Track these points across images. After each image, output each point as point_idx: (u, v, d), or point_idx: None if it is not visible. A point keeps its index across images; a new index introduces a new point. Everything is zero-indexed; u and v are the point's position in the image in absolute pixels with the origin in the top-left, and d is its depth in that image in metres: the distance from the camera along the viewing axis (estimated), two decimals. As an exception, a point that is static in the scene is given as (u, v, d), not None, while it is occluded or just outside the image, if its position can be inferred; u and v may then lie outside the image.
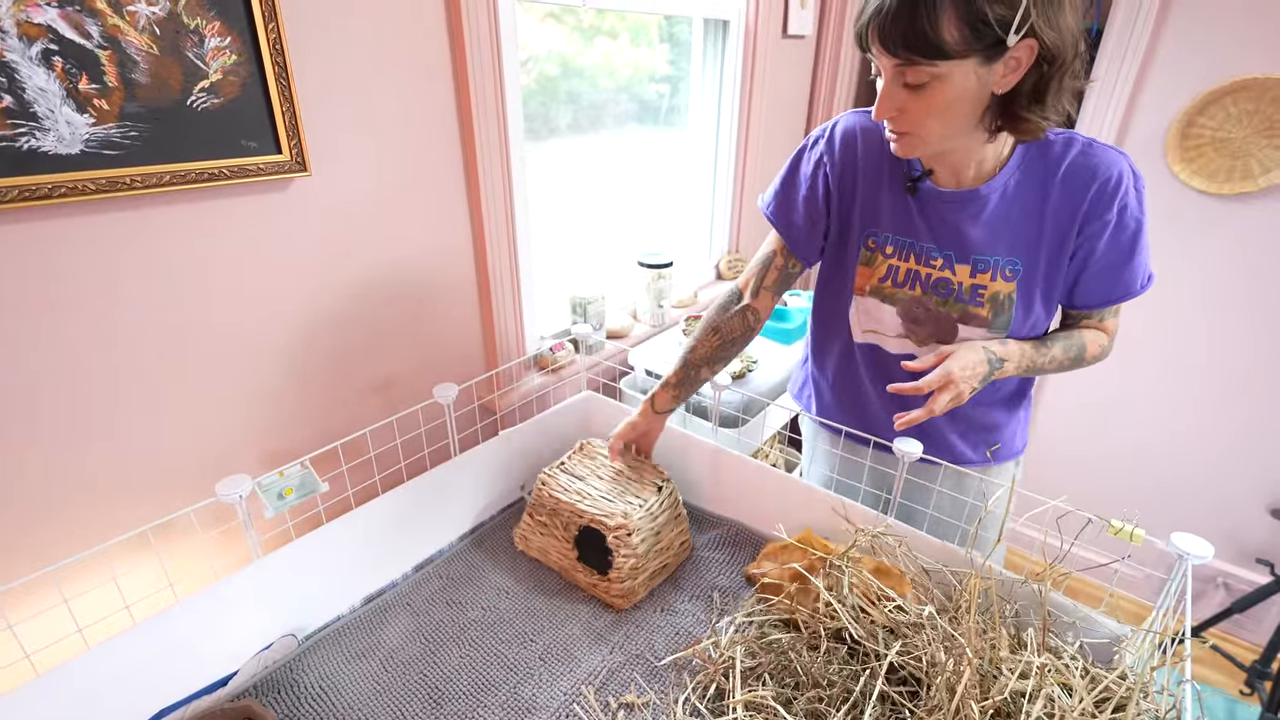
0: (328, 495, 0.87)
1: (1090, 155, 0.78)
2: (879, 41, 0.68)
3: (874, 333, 0.93)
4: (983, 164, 0.80)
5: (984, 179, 0.81)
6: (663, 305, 1.54)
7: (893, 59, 0.68)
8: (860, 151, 0.87)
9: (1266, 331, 1.60)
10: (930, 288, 0.86)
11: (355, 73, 0.90)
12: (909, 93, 0.70)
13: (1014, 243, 0.82)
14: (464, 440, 1.07)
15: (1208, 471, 1.78)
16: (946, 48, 0.64)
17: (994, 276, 0.83)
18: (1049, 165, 0.79)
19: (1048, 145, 0.80)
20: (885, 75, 0.70)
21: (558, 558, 0.99)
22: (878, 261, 0.89)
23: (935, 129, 0.72)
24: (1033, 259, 0.82)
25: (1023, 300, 0.83)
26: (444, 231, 1.09)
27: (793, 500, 0.99)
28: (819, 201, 0.91)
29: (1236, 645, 1.83)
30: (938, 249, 0.85)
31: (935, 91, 0.69)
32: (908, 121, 0.72)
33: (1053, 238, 0.80)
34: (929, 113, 0.70)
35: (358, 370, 1.04)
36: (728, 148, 1.75)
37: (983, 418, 0.97)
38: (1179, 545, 0.68)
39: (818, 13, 1.89)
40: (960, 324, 0.86)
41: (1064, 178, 0.78)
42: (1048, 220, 0.80)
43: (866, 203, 0.88)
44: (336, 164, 0.91)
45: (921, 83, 0.68)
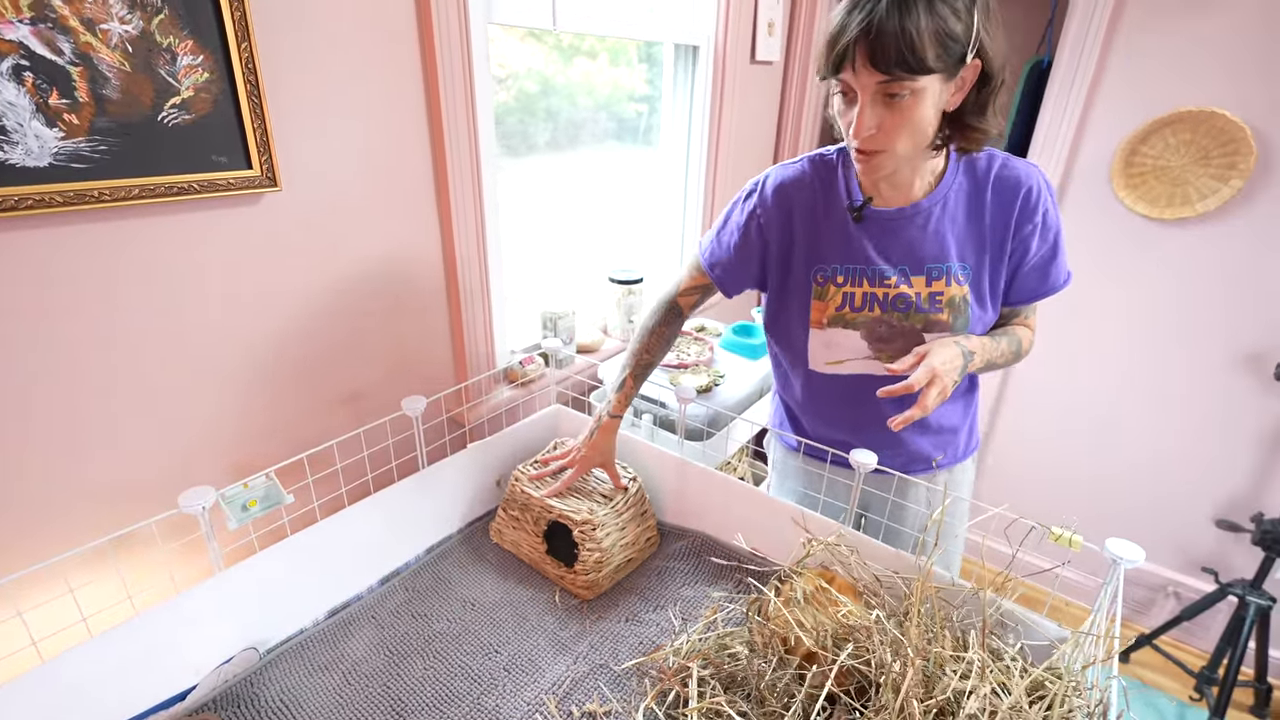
0: (293, 507, 0.88)
1: (1011, 167, 0.88)
2: (869, 59, 0.72)
3: (838, 363, 0.97)
4: (925, 179, 0.88)
5: (925, 193, 0.89)
6: (633, 320, 1.57)
7: (878, 76, 0.72)
8: (793, 200, 0.94)
9: (1203, 350, 1.68)
10: (889, 305, 0.91)
11: (328, 91, 0.92)
12: (886, 110, 0.75)
13: (961, 248, 0.89)
14: (432, 453, 1.07)
15: (1156, 484, 1.85)
16: (928, 63, 0.71)
17: (948, 282, 0.89)
18: (978, 177, 0.88)
19: (973, 160, 0.89)
20: (864, 95, 0.75)
21: (529, 550, 1.04)
22: (830, 293, 0.93)
23: (905, 145, 0.78)
24: (979, 261, 0.90)
25: (976, 300, 0.90)
26: (414, 246, 1.10)
27: (756, 512, 1.02)
28: (750, 248, 0.98)
29: (1187, 652, 1.89)
30: (890, 267, 0.91)
31: (910, 107, 0.74)
32: (882, 139, 0.77)
33: (993, 240, 0.89)
34: (903, 128, 0.76)
35: (325, 383, 1.04)
36: (698, 167, 1.80)
37: (946, 420, 1.03)
38: (1113, 550, 0.72)
39: (785, 40, 1.96)
40: (925, 333, 0.91)
41: (994, 188, 0.87)
42: (986, 225, 0.88)
43: (807, 242, 0.94)
44: (307, 179, 0.93)
45: (900, 98, 0.73)
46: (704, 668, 0.76)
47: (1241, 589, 1.61)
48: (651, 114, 1.73)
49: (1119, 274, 1.74)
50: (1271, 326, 1.59)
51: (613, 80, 1.60)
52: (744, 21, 1.72)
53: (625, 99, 1.64)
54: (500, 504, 1.09)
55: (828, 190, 0.93)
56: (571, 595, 0.99)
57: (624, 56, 1.59)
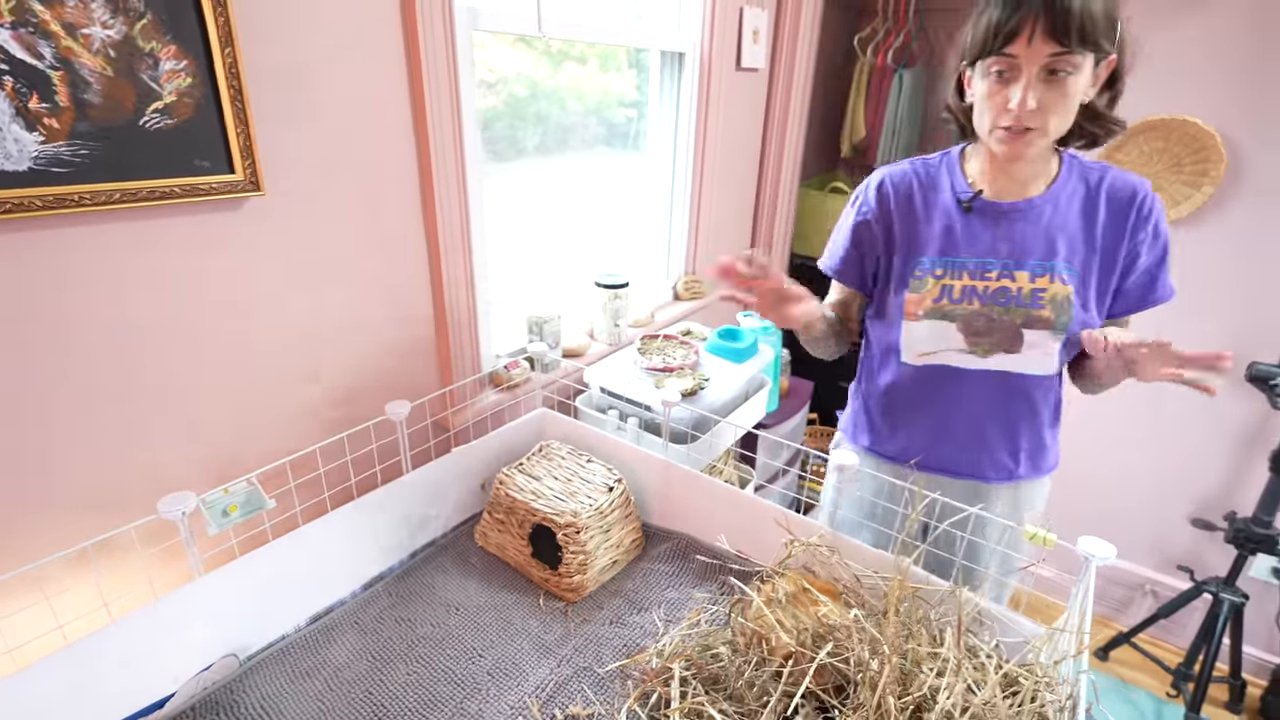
0: (274, 513, 0.87)
1: (1125, 177, 0.90)
2: (1050, 28, 0.75)
3: (932, 354, 0.99)
4: (1039, 176, 0.91)
5: (1040, 192, 0.91)
6: (619, 325, 1.58)
7: (1053, 47, 0.75)
8: (894, 196, 0.99)
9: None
10: (989, 299, 0.93)
11: (312, 95, 0.92)
12: (1045, 87, 0.78)
13: (1070, 248, 0.91)
14: (416, 457, 1.07)
15: (1134, 485, 1.89)
16: (1100, 40, 0.76)
17: (1053, 279, 0.91)
18: (1091, 183, 0.91)
19: (1086, 168, 0.92)
20: (1029, 69, 0.78)
21: (514, 553, 1.05)
22: (928, 285, 0.96)
23: (1056, 123, 0.81)
24: (1087, 264, 0.91)
25: (1080, 302, 0.91)
26: (399, 250, 1.10)
27: (740, 514, 1.03)
28: (862, 246, 1.03)
29: (1164, 649, 1.92)
30: (994, 260, 0.93)
31: (1069, 85, 0.78)
32: (1039, 116, 0.80)
33: (1104, 245, 0.90)
34: (1060, 105, 0.79)
35: (308, 388, 1.04)
36: (684, 173, 1.81)
37: (1041, 433, 1.04)
38: (1084, 548, 0.74)
39: (770, 47, 1.98)
40: (1024, 328, 0.92)
41: (1108, 195, 0.90)
42: (1099, 230, 0.90)
43: (906, 236, 0.98)
44: (291, 184, 0.93)
45: (1064, 74, 0.77)
46: (686, 669, 0.77)
47: (1216, 586, 1.65)
48: (640, 119, 1.75)
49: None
50: (1243, 329, 1.63)
51: (602, 86, 1.61)
52: (729, 29, 1.74)
53: (615, 104, 1.65)
54: (485, 507, 1.09)
55: (930, 187, 0.98)
56: (556, 598, 0.99)
57: (614, 62, 1.61)
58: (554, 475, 1.09)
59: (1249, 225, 1.56)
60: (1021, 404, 0.99)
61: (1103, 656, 1.91)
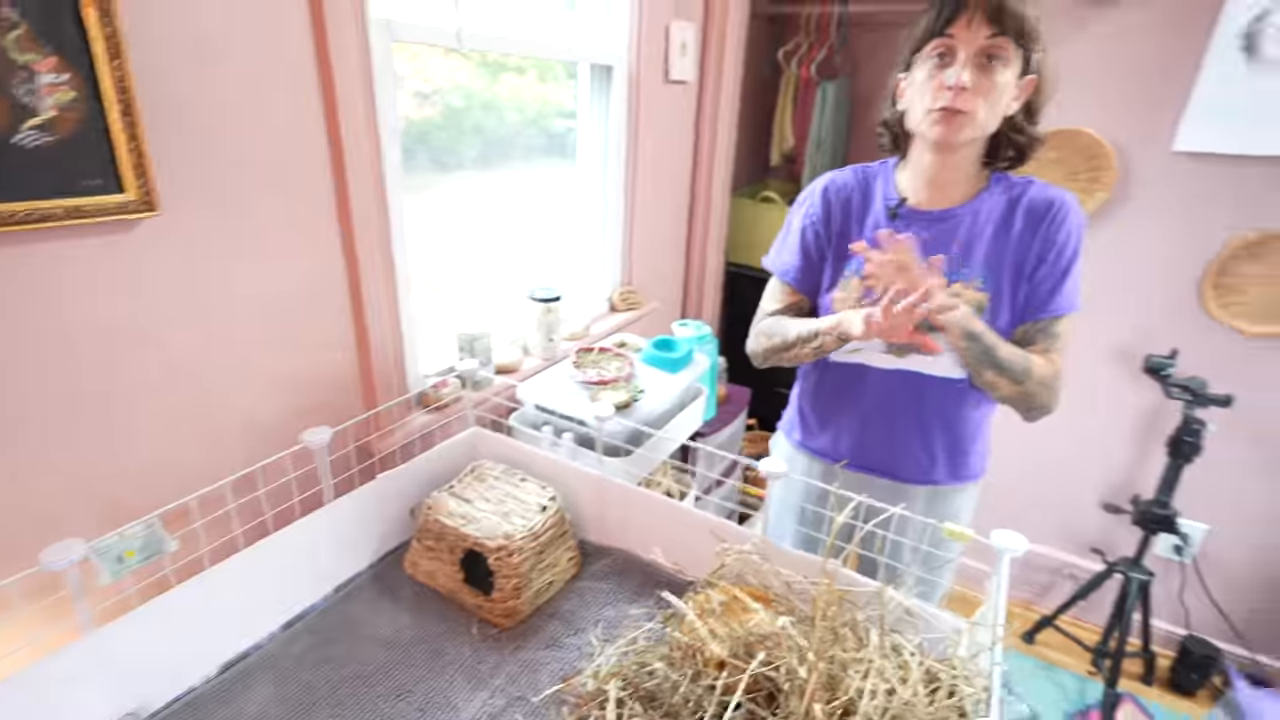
0: (178, 555, 0.82)
1: (1046, 190, 0.95)
2: (987, 13, 0.83)
3: (854, 352, 1.03)
4: (964, 187, 0.96)
5: (961, 202, 0.96)
6: (553, 339, 1.56)
7: (989, 30, 0.84)
8: (834, 200, 1.05)
9: (1082, 349, 1.83)
10: None
11: (215, 111, 0.87)
12: (979, 74, 0.85)
13: (985, 258, 0.95)
14: (340, 485, 1.03)
15: (1050, 475, 2.00)
16: (1025, 35, 0.85)
17: (966, 286, 0.95)
18: (1012, 197, 0.95)
19: (1011, 182, 0.96)
20: (966, 51, 0.85)
21: (445, 581, 1.01)
22: (853, 285, 1.01)
23: (984, 113, 0.87)
24: (998, 274, 0.95)
25: (991, 310, 0.95)
26: (314, 271, 1.06)
27: (677, 526, 1.02)
28: (810, 250, 1.07)
29: (1085, 629, 2.04)
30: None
31: (998, 75, 0.85)
32: (970, 99, 0.86)
33: (1015, 258, 0.94)
34: (989, 94, 0.86)
35: (217, 417, 0.98)
36: (617, 184, 1.82)
37: (954, 430, 1.06)
38: (997, 541, 0.77)
39: (698, 60, 2.02)
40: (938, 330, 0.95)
41: (1027, 208, 0.94)
42: (1013, 242, 0.94)
43: (841, 239, 1.04)
44: (191, 203, 0.87)
45: (995, 61, 0.85)
46: (622, 688, 0.76)
47: (1125, 566, 1.76)
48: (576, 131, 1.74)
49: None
50: (1138, 325, 1.75)
51: (541, 96, 1.60)
52: (656, 42, 1.76)
53: (554, 114, 1.65)
54: (414, 534, 1.05)
55: (866, 193, 1.04)
56: (491, 625, 0.97)
57: (552, 72, 1.60)
58: (486, 497, 1.06)
59: (1138, 228, 1.68)
60: (935, 406, 1.03)
61: (1029, 640, 2.01)
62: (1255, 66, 1.42)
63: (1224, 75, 1.45)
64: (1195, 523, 1.82)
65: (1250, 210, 1.55)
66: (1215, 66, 1.45)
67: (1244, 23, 1.40)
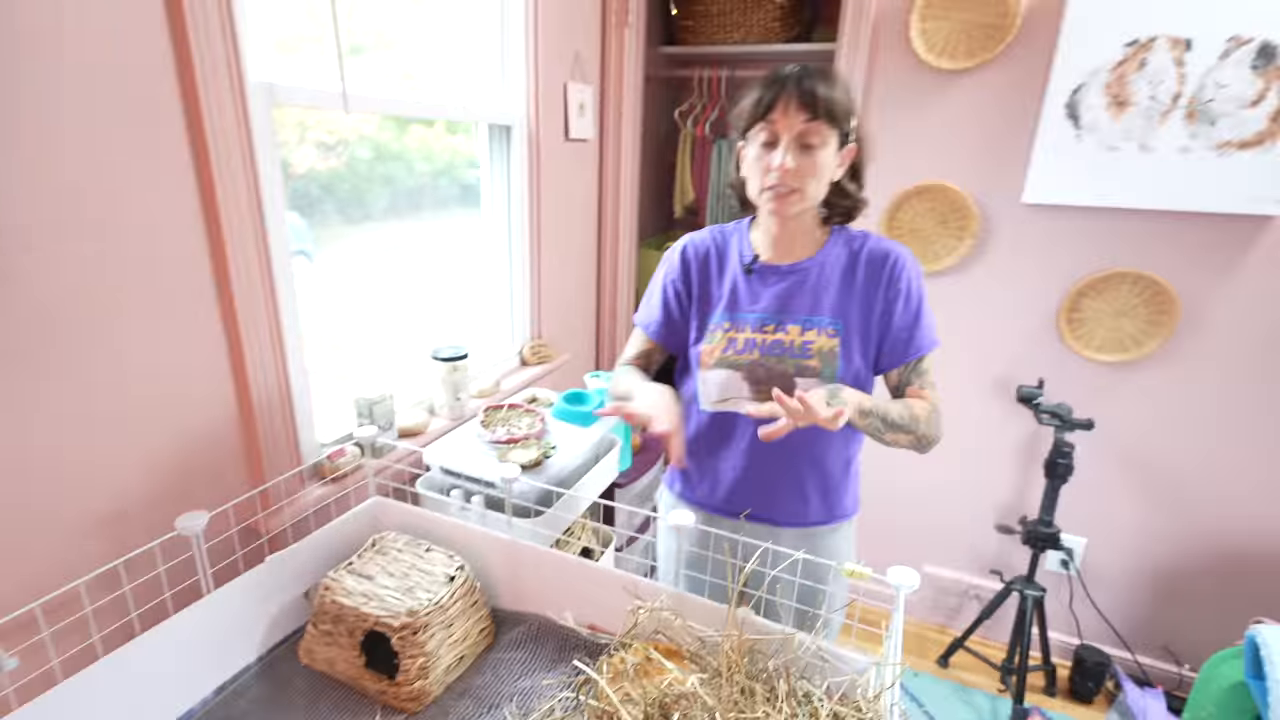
0: (19, 673, 0.72)
1: (882, 242, 1.05)
2: (800, 102, 0.91)
3: (724, 401, 1.08)
4: (808, 243, 1.05)
5: (807, 256, 1.04)
6: (460, 398, 1.52)
7: (804, 114, 0.91)
8: (693, 260, 1.12)
9: (966, 381, 1.98)
10: (766, 350, 1.04)
11: (68, 180, 0.81)
12: (802, 155, 0.93)
13: (834, 306, 1.03)
14: (221, 573, 0.95)
15: (948, 502, 2.12)
16: (839, 117, 0.93)
17: (819, 333, 1.02)
18: (853, 249, 1.04)
19: (850, 236, 1.06)
20: (786, 137, 0.93)
21: (345, 667, 0.94)
22: (718, 337, 1.07)
23: (812, 187, 0.96)
24: (848, 320, 1.03)
25: (845, 354, 1.02)
26: (189, 345, 0.99)
27: (591, 585, 1.00)
28: (671, 307, 1.14)
29: (993, 648, 2.14)
30: (771, 315, 1.04)
31: (819, 155, 0.94)
32: (797, 177, 0.94)
33: (862, 303, 1.02)
34: (813, 171, 0.94)
35: (70, 509, 0.88)
36: (522, 239, 1.82)
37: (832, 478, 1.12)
38: (892, 579, 0.80)
39: (597, 118, 2.09)
40: (796, 376, 1.03)
41: (866, 259, 1.03)
42: (858, 289, 1.03)
43: (702, 295, 1.11)
44: (42, 279, 0.80)
45: (814, 144, 0.93)
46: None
47: (1020, 584, 1.87)
48: (482, 184, 1.75)
49: (896, 320, 2.01)
50: (1010, 358, 1.92)
51: (451, 147, 1.60)
52: (554, 103, 1.81)
53: (465, 165, 1.65)
54: (310, 619, 0.98)
55: (724, 252, 1.11)
56: (396, 711, 0.90)
57: (460, 125, 1.60)
58: (389, 571, 1.00)
59: (1002, 270, 1.85)
60: (804, 450, 1.09)
61: (943, 664, 2.08)
62: (1078, 131, 1.63)
63: (1055, 138, 1.65)
64: (1076, 537, 1.98)
65: (1092, 252, 1.75)
66: (1047, 130, 1.66)
67: (1066, 94, 1.61)
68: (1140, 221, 1.69)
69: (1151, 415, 1.82)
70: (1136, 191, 1.62)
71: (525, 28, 1.65)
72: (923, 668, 2.08)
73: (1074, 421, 1.71)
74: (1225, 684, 1.34)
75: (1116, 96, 1.58)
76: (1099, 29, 1.55)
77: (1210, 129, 1.52)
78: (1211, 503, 1.83)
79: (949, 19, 1.70)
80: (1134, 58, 1.54)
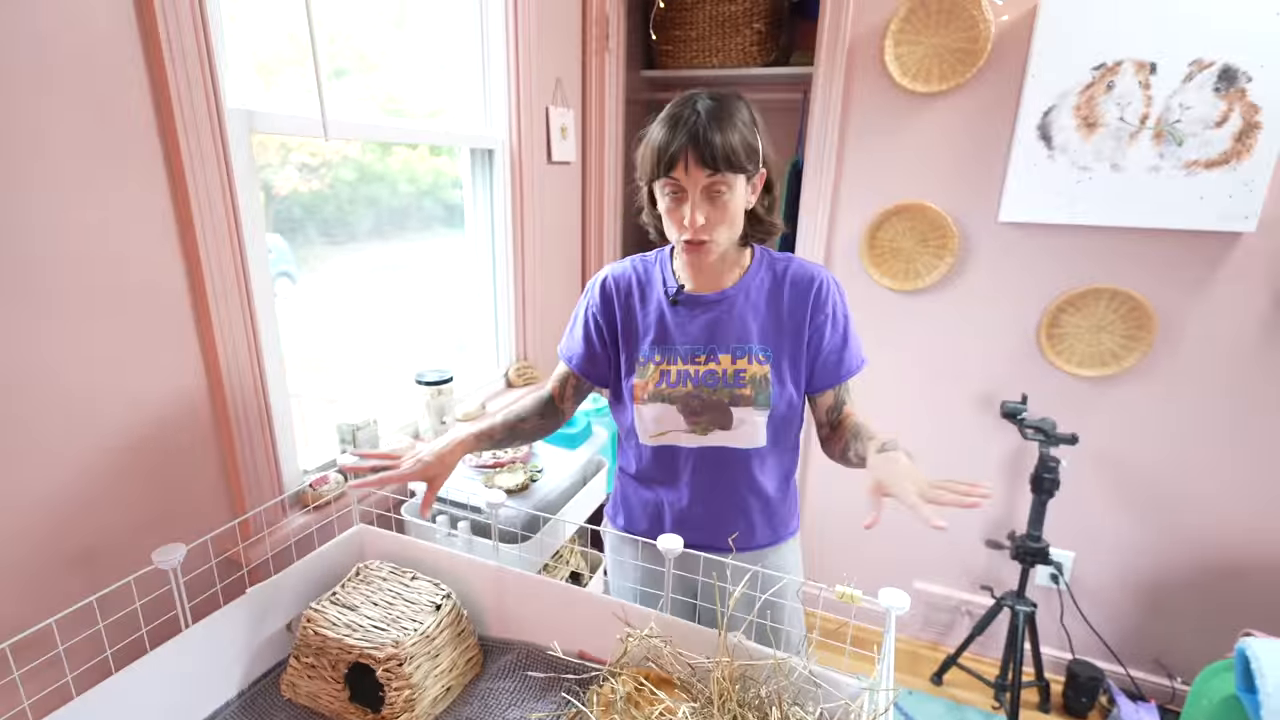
0: (-14, 717, 0.69)
1: (805, 266, 1.04)
2: (699, 159, 0.87)
3: (664, 434, 1.06)
4: (732, 271, 1.04)
5: (732, 283, 1.03)
6: (445, 421, 1.51)
7: (705, 171, 0.88)
8: (616, 292, 1.09)
9: (951, 398, 1.99)
10: (699, 381, 1.02)
11: (39, 213, 0.80)
12: (710, 205, 0.91)
13: (762, 332, 1.01)
14: (200, 606, 0.92)
15: (938, 515, 2.12)
16: (743, 164, 0.90)
17: (750, 360, 1.01)
18: (776, 273, 1.03)
19: (773, 259, 1.05)
20: (693, 191, 0.90)
21: (328, 701, 0.92)
22: (650, 371, 1.04)
23: (725, 233, 0.94)
24: (778, 345, 1.01)
25: (776, 379, 1.01)
26: (165, 374, 0.97)
27: (579, 611, 0.99)
28: (592, 339, 1.11)
29: (986, 664, 2.13)
30: (701, 346, 1.02)
31: (728, 202, 0.92)
32: (709, 229, 0.92)
33: (790, 327, 1.01)
34: (725, 219, 0.92)
35: (42, 546, 0.85)
36: (505, 260, 1.83)
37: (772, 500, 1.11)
38: (884, 601, 0.80)
39: (579, 141, 2.11)
40: (731, 406, 1.01)
41: (791, 282, 1.02)
42: (785, 314, 1.02)
43: (628, 328, 1.08)
44: (12, 311, 0.79)
45: (721, 193, 0.90)
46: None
47: (1011, 599, 1.87)
48: (468, 204, 1.75)
49: (877, 338, 2.02)
50: (993, 374, 1.94)
51: (435, 168, 1.60)
52: (536, 127, 1.83)
53: (450, 185, 1.65)
54: (292, 651, 0.95)
55: (647, 283, 1.08)
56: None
57: (444, 147, 1.61)
58: (373, 601, 0.99)
59: (982, 287, 1.88)
60: (745, 476, 1.07)
61: (937, 681, 2.07)
62: (1051, 152, 1.66)
63: (1029, 158, 1.69)
64: (1065, 551, 1.98)
65: (1069, 269, 1.78)
66: (1021, 151, 1.69)
67: (1038, 116, 1.65)
68: (1114, 239, 1.73)
69: (1134, 429, 1.84)
70: (1109, 210, 1.66)
71: (506, 53, 1.67)
72: (916, 685, 2.06)
73: (1058, 436, 1.72)
74: (1218, 698, 1.34)
75: (1086, 118, 1.62)
76: (1066, 53, 1.60)
77: (1178, 149, 1.56)
78: (1195, 514, 1.85)
79: (922, 43, 1.74)
80: (1101, 80, 1.58)
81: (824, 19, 1.84)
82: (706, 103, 0.90)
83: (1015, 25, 1.68)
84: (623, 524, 1.17)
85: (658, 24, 2.27)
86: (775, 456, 1.08)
